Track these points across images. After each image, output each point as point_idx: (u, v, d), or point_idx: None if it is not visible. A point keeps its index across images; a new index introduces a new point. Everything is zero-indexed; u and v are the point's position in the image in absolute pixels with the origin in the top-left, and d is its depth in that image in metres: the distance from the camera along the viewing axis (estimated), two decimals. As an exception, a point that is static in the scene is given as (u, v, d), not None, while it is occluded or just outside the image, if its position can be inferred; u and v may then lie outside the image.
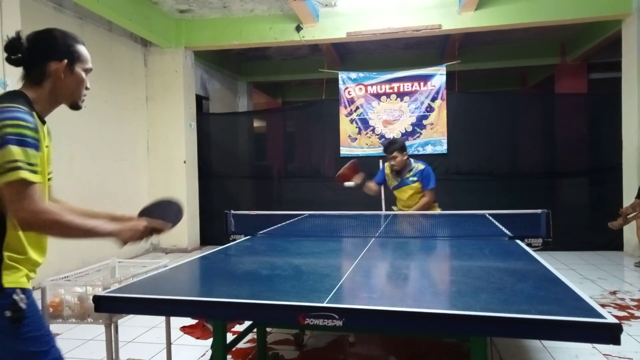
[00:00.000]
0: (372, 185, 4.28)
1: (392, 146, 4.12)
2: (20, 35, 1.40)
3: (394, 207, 4.46)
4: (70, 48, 1.44)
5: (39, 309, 1.39)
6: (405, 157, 4.14)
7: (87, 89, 1.52)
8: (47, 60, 1.40)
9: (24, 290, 1.31)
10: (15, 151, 1.23)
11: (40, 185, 1.29)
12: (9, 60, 1.41)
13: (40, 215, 1.26)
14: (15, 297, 1.28)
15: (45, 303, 1.98)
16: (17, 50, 1.40)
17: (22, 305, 1.28)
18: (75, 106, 1.50)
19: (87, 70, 1.50)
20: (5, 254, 1.29)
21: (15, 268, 1.31)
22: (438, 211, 4.20)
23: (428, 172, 4.14)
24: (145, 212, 1.61)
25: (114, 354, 2.08)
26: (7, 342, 1.27)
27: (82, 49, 1.48)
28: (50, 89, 1.42)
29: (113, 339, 2.06)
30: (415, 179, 4.14)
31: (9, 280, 1.28)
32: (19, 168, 1.23)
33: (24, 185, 1.24)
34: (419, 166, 4.18)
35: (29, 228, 1.30)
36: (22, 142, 1.24)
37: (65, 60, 1.41)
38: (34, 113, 1.35)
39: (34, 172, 1.27)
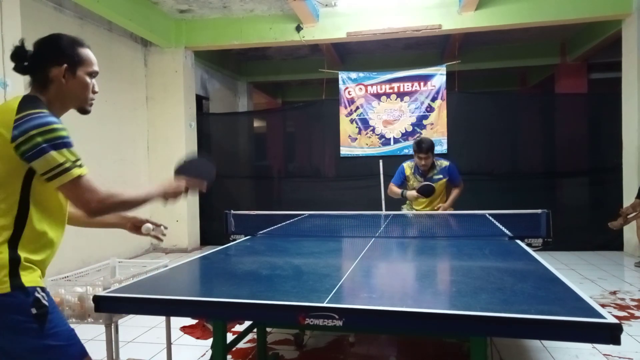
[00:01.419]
0: (394, 188, 4.26)
1: (426, 146, 4.00)
2: (24, 42, 1.40)
3: (403, 207, 4.40)
4: (70, 52, 1.42)
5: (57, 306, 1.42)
6: (432, 157, 4.13)
7: (94, 92, 1.51)
8: (48, 66, 1.39)
9: (43, 289, 1.35)
10: (57, 156, 1.28)
11: (90, 175, 1.35)
12: (16, 68, 1.42)
13: (106, 201, 1.36)
14: (37, 294, 1.31)
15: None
16: (22, 58, 1.40)
17: (45, 302, 1.32)
18: (83, 110, 1.50)
19: (91, 74, 1.48)
20: (22, 255, 1.32)
21: (31, 268, 1.34)
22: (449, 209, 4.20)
23: (454, 167, 4.22)
24: (180, 171, 1.71)
25: (114, 354, 2.07)
26: (33, 339, 1.29)
27: (84, 52, 1.46)
28: (55, 94, 1.42)
29: (113, 339, 2.06)
30: (441, 176, 4.13)
31: (28, 280, 1.31)
32: (66, 170, 1.29)
33: (78, 181, 1.31)
34: (443, 163, 4.19)
35: (101, 215, 1.40)
36: (59, 145, 1.29)
37: (65, 65, 1.40)
38: None
39: (80, 165, 1.33)
